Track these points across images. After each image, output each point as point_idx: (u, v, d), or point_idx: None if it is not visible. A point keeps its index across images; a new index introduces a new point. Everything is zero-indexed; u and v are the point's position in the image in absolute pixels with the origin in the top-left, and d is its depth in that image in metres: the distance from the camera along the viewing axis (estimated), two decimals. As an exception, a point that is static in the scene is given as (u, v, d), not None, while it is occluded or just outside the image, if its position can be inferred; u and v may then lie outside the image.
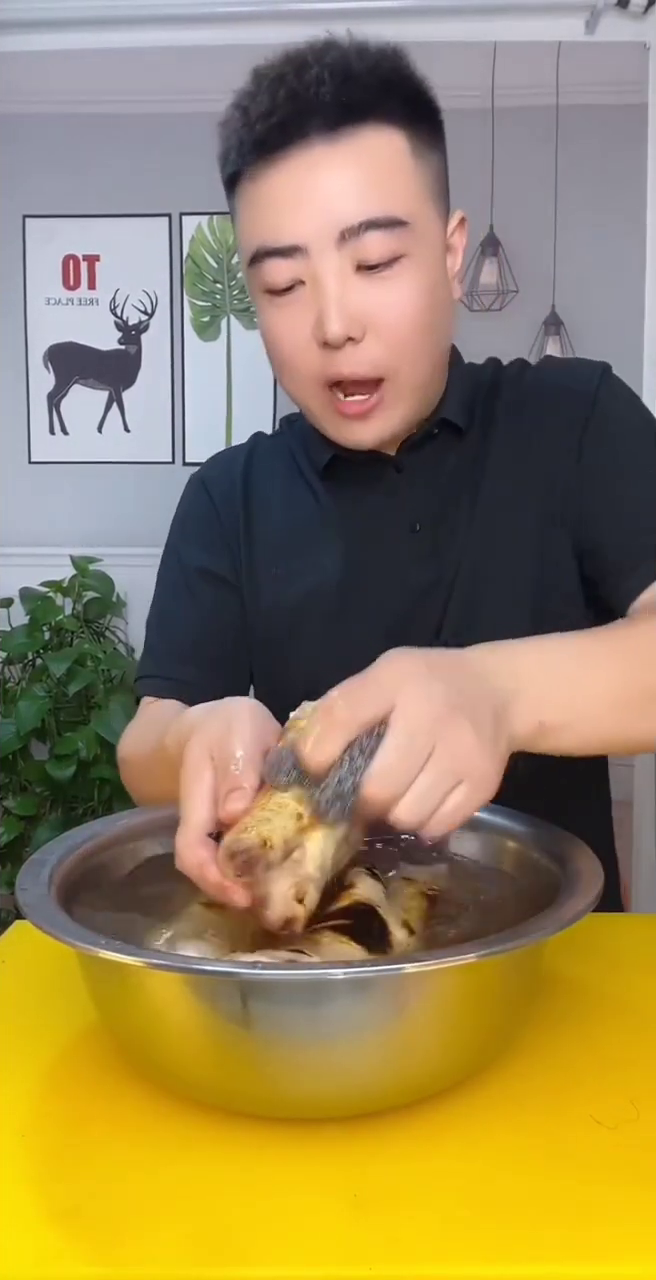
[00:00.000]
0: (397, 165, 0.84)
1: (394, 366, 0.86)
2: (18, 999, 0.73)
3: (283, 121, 0.82)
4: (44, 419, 3.11)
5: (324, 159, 0.82)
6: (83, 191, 3.01)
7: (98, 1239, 0.49)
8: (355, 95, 0.82)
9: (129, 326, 3.08)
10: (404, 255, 0.83)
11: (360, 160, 0.82)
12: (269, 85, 0.83)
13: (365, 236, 0.82)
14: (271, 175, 0.83)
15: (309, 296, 0.84)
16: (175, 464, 3.07)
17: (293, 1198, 0.51)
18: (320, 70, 0.82)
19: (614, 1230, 0.49)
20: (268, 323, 0.88)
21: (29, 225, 3.05)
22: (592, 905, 0.59)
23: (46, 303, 3.08)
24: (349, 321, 0.83)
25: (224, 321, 3.07)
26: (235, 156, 0.85)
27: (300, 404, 0.93)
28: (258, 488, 1.03)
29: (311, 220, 0.82)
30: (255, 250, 0.85)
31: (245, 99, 0.85)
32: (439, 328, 0.89)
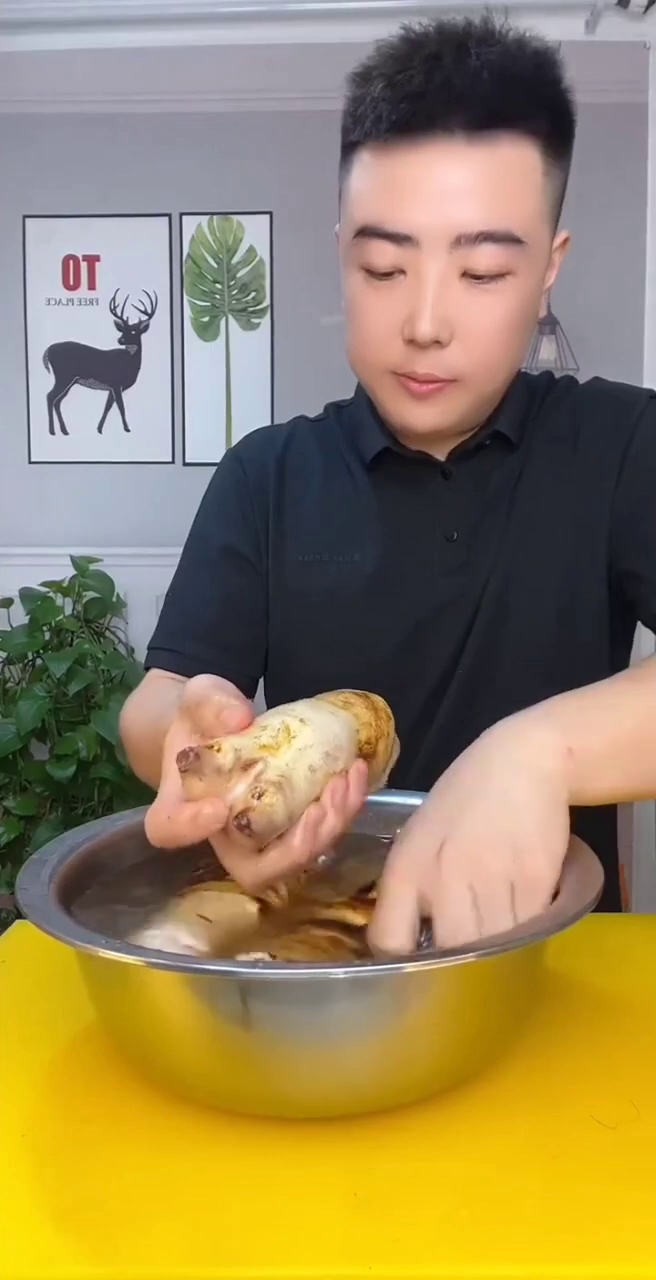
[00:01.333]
0: (528, 181, 0.82)
1: (470, 373, 0.85)
2: (18, 999, 0.73)
3: (431, 108, 0.79)
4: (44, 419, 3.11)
5: (461, 157, 0.79)
6: (83, 191, 3.01)
7: (98, 1239, 0.49)
8: (507, 100, 0.79)
9: (129, 326, 3.08)
10: (511, 273, 0.82)
11: (495, 168, 0.80)
12: (424, 63, 0.79)
13: (479, 247, 0.80)
14: (403, 157, 0.80)
15: (407, 287, 0.82)
16: (175, 464, 3.07)
17: (293, 1198, 0.51)
18: (479, 63, 0.79)
19: (614, 1230, 0.49)
20: (357, 299, 0.86)
21: (29, 225, 3.05)
22: (592, 905, 0.59)
23: (46, 303, 3.08)
24: (440, 325, 0.82)
25: (223, 322, 3.07)
26: (370, 124, 0.81)
27: (364, 379, 0.92)
28: (294, 471, 1.02)
29: (431, 216, 0.80)
30: (364, 225, 0.83)
31: (393, 66, 0.81)
32: (522, 345, 0.89)
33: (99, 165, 3.00)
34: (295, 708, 0.63)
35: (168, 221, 3.04)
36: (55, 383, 3.11)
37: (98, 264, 3.07)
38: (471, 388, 0.86)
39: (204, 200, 3.00)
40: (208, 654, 0.95)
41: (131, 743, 0.93)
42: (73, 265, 3.07)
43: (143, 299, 3.08)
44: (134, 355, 3.10)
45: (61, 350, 3.10)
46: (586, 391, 1.00)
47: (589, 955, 0.75)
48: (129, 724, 0.94)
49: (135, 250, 3.05)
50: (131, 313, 3.08)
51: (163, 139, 2.96)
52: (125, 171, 3.00)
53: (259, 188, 2.96)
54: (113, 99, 2.92)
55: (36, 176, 3.02)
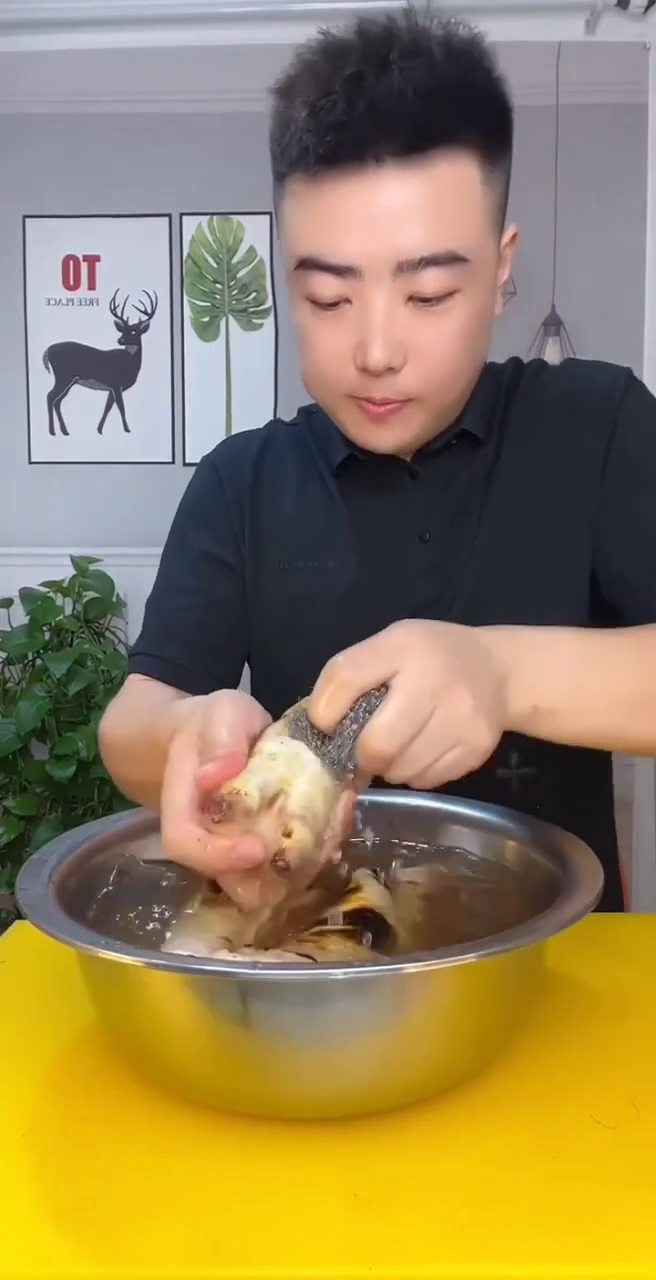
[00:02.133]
0: (467, 197, 0.79)
1: (426, 392, 0.84)
2: (18, 999, 0.73)
3: (357, 137, 0.75)
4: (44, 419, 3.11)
5: (393, 185, 0.77)
6: (83, 191, 3.01)
7: (98, 1239, 0.49)
8: (437, 117, 0.76)
9: (129, 327, 3.08)
10: (458, 291, 0.80)
11: (431, 191, 0.77)
12: (346, 85, 0.76)
13: (423, 273, 0.78)
14: (333, 188, 0.78)
15: (354, 316, 0.81)
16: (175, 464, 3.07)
17: (293, 1198, 0.51)
18: (404, 80, 0.75)
19: (614, 1230, 0.49)
20: (306, 329, 0.85)
21: (29, 225, 3.05)
22: (593, 905, 0.59)
23: (46, 303, 3.08)
24: (392, 351, 0.80)
25: (223, 322, 3.07)
26: (296, 156, 0.79)
27: (323, 404, 0.91)
28: (269, 478, 1.01)
29: (370, 246, 0.78)
30: (303, 258, 0.81)
31: (314, 89, 0.77)
32: (478, 353, 0.87)
33: (99, 165, 3.00)
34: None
35: (168, 221, 3.04)
36: (55, 383, 3.11)
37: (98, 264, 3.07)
38: (430, 404, 0.86)
39: (204, 200, 3.00)
40: (188, 658, 0.95)
41: (116, 746, 0.92)
42: (73, 265, 3.07)
43: (143, 299, 3.08)
44: (134, 355, 3.10)
45: (61, 350, 3.10)
46: (559, 377, 0.98)
47: (589, 955, 0.75)
48: (112, 728, 0.93)
49: (135, 250, 3.05)
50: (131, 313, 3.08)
51: (163, 139, 2.96)
52: (125, 171, 3.00)
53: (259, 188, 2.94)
54: (113, 99, 2.92)
55: (36, 176, 3.02)
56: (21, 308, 3.08)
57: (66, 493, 3.09)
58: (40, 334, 3.09)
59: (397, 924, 0.64)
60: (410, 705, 0.60)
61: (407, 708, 0.60)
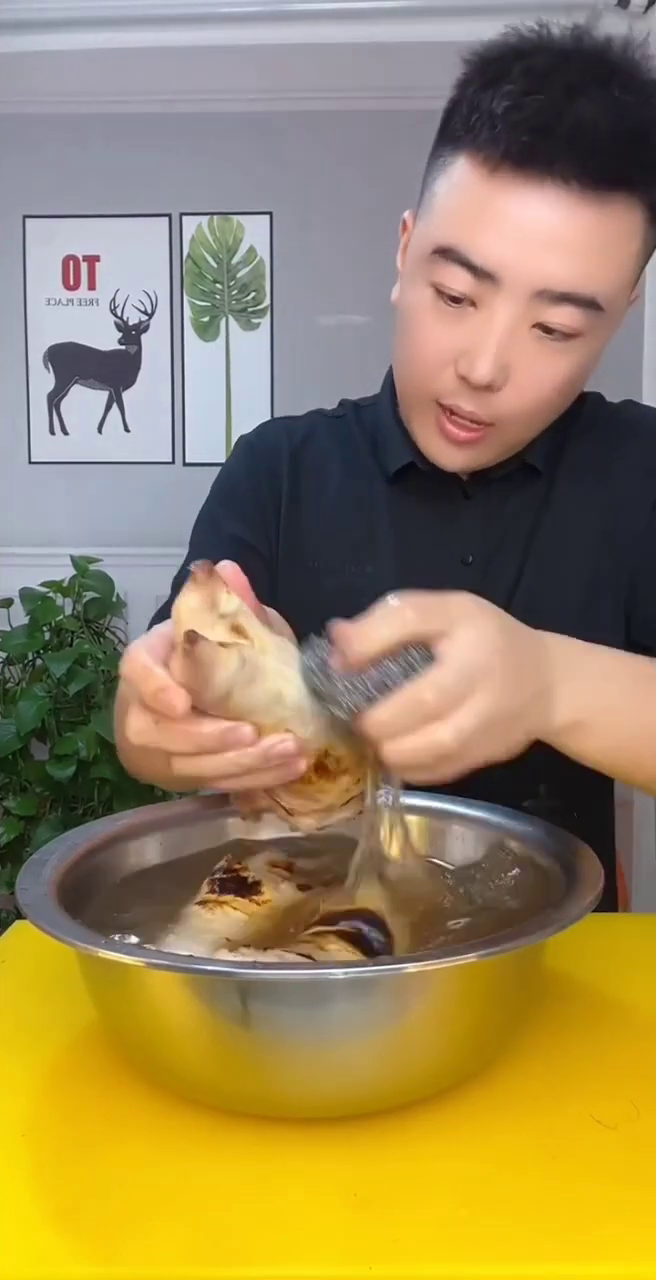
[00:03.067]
0: (627, 248, 0.77)
1: (512, 420, 0.82)
2: (18, 999, 0.73)
3: (554, 149, 0.72)
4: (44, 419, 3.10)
5: (569, 210, 0.73)
6: (83, 191, 3.00)
7: (98, 1239, 0.49)
8: (636, 159, 0.73)
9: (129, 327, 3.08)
10: (581, 335, 0.79)
11: (601, 230, 0.75)
12: (559, 95, 0.72)
13: (559, 307, 0.76)
14: (508, 189, 0.74)
15: (473, 322, 0.78)
16: (175, 464, 3.07)
17: (293, 1198, 0.51)
18: (619, 110, 0.72)
19: (614, 1230, 0.49)
20: (417, 315, 0.81)
21: (29, 225, 3.05)
22: (593, 905, 0.59)
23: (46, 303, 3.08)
24: (499, 371, 0.78)
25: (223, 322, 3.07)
26: (482, 139, 0.74)
27: (405, 397, 0.88)
28: (309, 469, 0.99)
29: (521, 261, 0.75)
30: (446, 245, 0.77)
31: (525, 80, 0.73)
32: (570, 399, 0.85)
33: (99, 165, 3.00)
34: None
35: (168, 221, 3.04)
36: (55, 383, 3.10)
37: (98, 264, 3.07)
38: (508, 434, 0.84)
39: (204, 200, 2.99)
40: None
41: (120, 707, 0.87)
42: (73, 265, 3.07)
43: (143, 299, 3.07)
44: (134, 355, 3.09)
45: (61, 350, 3.10)
46: (619, 419, 0.96)
47: (589, 955, 0.75)
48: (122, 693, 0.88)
49: (135, 250, 3.05)
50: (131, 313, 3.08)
51: (163, 139, 2.96)
52: (125, 171, 3.00)
53: (259, 188, 2.96)
54: (113, 99, 2.92)
55: (36, 176, 3.01)
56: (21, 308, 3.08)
57: (66, 493, 3.09)
58: (40, 334, 3.08)
59: (396, 925, 0.64)
60: (458, 675, 0.56)
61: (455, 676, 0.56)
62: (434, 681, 0.55)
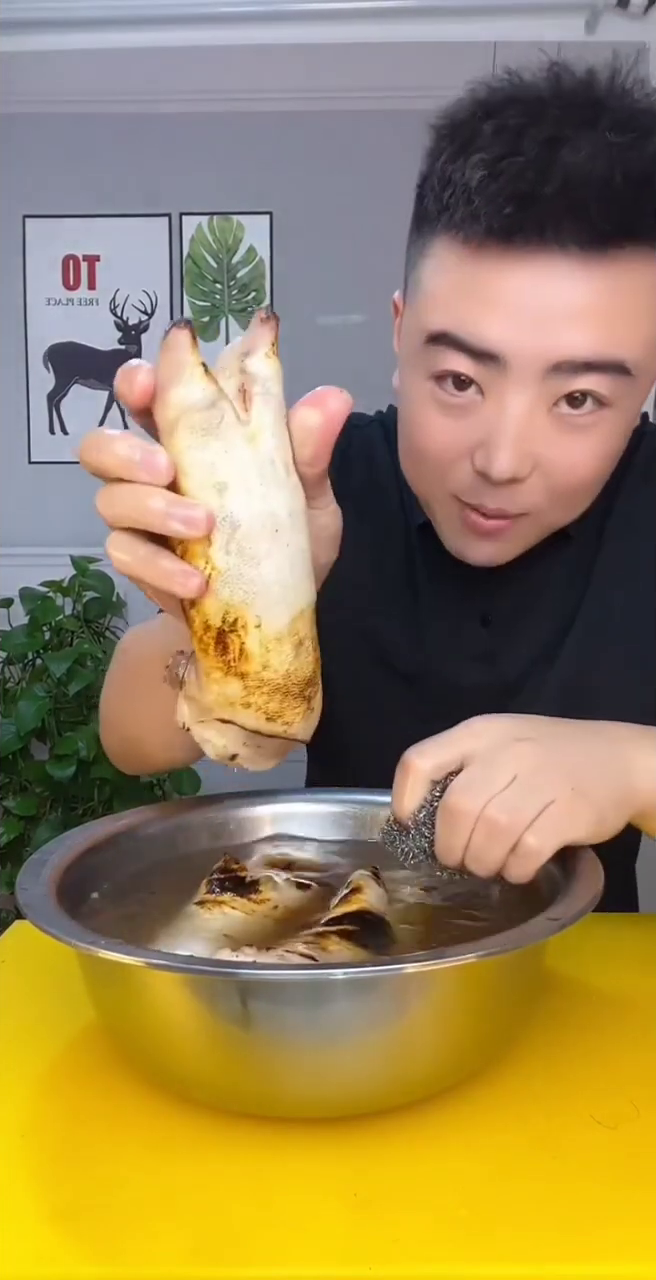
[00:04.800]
0: (644, 302, 0.67)
1: (547, 508, 0.74)
2: (18, 999, 0.73)
3: (542, 216, 0.63)
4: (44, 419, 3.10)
5: (571, 277, 0.65)
6: (83, 191, 3.00)
7: (98, 1239, 0.49)
8: (640, 210, 0.64)
9: (129, 327, 3.08)
10: (610, 405, 0.69)
11: (612, 289, 0.65)
12: (539, 152, 0.63)
13: (580, 378, 0.67)
14: (496, 265, 0.66)
15: (484, 412, 0.69)
16: (175, 464, 3.07)
17: (293, 1198, 0.51)
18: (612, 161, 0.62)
19: (614, 1230, 0.49)
20: (419, 410, 0.73)
21: (29, 225, 3.05)
22: (593, 905, 0.59)
23: (46, 303, 3.08)
24: (521, 463, 0.69)
25: (223, 322, 3.07)
26: (460, 218, 0.66)
27: (421, 496, 0.79)
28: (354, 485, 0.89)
29: (527, 339, 0.66)
30: (439, 332, 0.69)
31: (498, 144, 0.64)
32: (612, 467, 0.75)
33: (99, 165, 3.00)
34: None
35: (168, 221, 3.04)
36: (55, 383, 3.10)
37: (98, 264, 3.07)
38: (545, 522, 0.75)
39: (204, 200, 2.99)
40: None
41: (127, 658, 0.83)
42: (73, 265, 3.07)
43: (143, 299, 3.07)
44: (134, 355, 3.09)
45: (61, 350, 3.10)
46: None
47: (589, 955, 0.75)
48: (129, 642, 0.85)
49: (135, 250, 3.05)
50: (131, 313, 3.08)
51: (163, 139, 2.96)
52: (125, 171, 3.00)
53: (259, 188, 2.96)
54: (113, 99, 2.92)
55: (36, 176, 3.01)
56: (21, 308, 3.08)
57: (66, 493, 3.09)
58: (40, 334, 3.08)
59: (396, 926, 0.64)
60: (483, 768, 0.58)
61: (480, 772, 0.58)
62: (456, 786, 0.58)
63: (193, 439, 0.48)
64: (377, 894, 0.66)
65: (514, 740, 0.59)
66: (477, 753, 0.59)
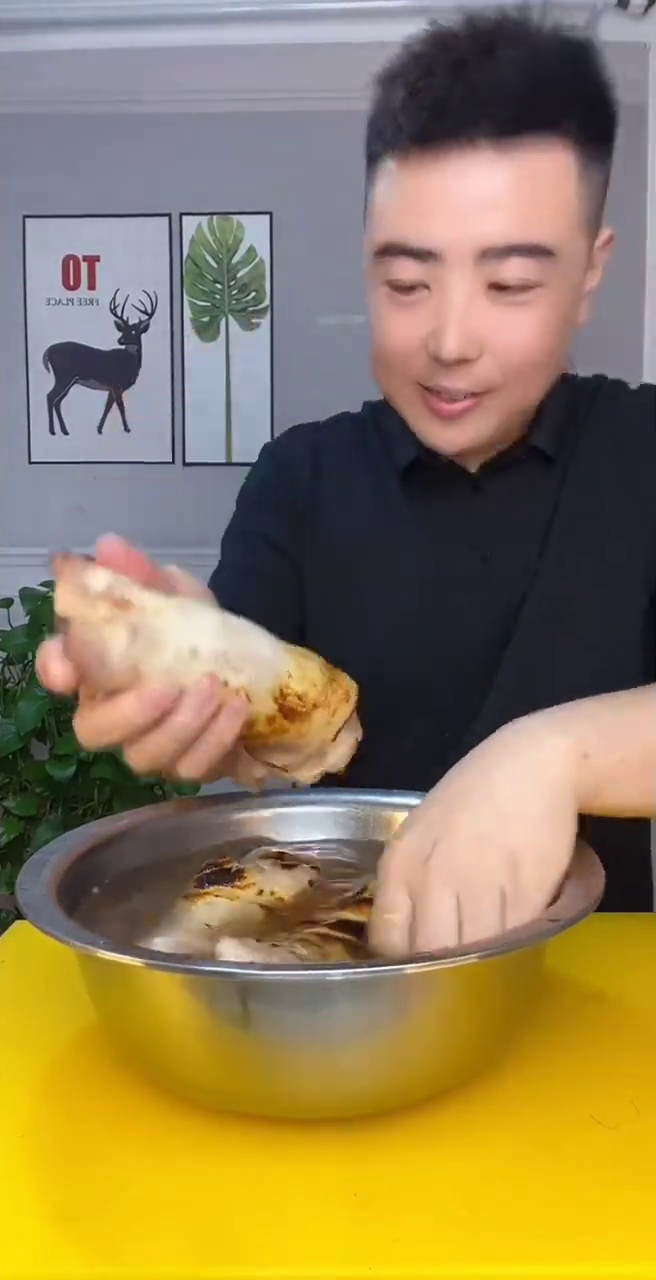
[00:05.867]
0: (561, 189, 0.77)
1: (502, 386, 0.82)
2: (18, 999, 0.73)
3: (454, 117, 0.74)
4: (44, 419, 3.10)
5: (487, 170, 0.75)
6: (83, 191, 3.00)
7: (98, 1239, 0.49)
8: (537, 103, 0.75)
9: (129, 327, 3.08)
10: (541, 285, 0.78)
11: (524, 179, 0.75)
12: (448, 68, 0.75)
13: (507, 261, 0.77)
14: (424, 170, 0.76)
15: (431, 304, 0.80)
16: (175, 464, 3.07)
17: (293, 1198, 0.51)
18: (506, 65, 0.74)
19: (614, 1230, 0.49)
20: (381, 315, 0.84)
21: (29, 225, 3.05)
22: (594, 906, 0.59)
23: (46, 303, 3.07)
24: (467, 342, 0.78)
25: (223, 321, 3.07)
26: (390, 135, 0.78)
27: (390, 398, 0.89)
28: (330, 471, 1.00)
29: (456, 231, 0.76)
30: (387, 243, 0.80)
31: (415, 70, 0.77)
32: (557, 354, 0.84)
33: (99, 165, 3.00)
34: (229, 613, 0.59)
35: (168, 221, 3.04)
36: (55, 383, 3.10)
37: (98, 264, 3.06)
38: (503, 401, 0.83)
39: (204, 200, 2.99)
40: None
41: None
42: (73, 265, 3.07)
43: (143, 299, 3.07)
44: (134, 355, 3.09)
45: (61, 350, 3.09)
46: (636, 402, 0.95)
47: (589, 955, 0.75)
48: None
49: (135, 250, 3.05)
50: (131, 313, 3.08)
51: (163, 139, 2.96)
52: (125, 171, 2.99)
53: (259, 188, 2.95)
54: (113, 99, 2.92)
55: (36, 176, 3.01)
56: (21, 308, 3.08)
57: (66, 493, 3.09)
58: (40, 334, 3.08)
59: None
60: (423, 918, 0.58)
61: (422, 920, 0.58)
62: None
63: (152, 659, 0.53)
64: None
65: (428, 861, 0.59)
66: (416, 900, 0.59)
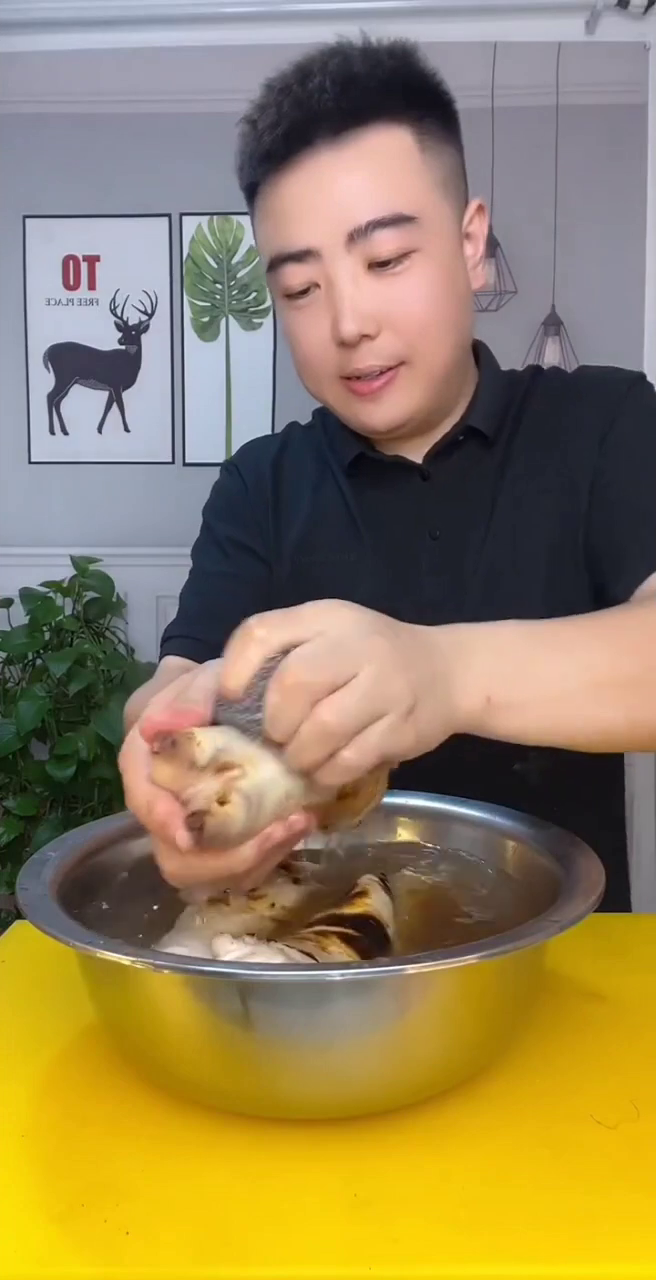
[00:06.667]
0: (403, 163, 0.85)
1: (411, 355, 0.87)
2: (18, 999, 0.73)
3: (288, 131, 0.84)
4: (44, 419, 3.10)
5: (329, 164, 0.84)
6: (83, 191, 3.00)
7: (98, 1239, 0.49)
8: (357, 99, 0.83)
9: (129, 327, 3.08)
10: (414, 250, 0.85)
11: (365, 162, 0.84)
12: (276, 97, 0.86)
13: (374, 235, 0.83)
14: (281, 184, 0.86)
15: (324, 298, 0.86)
16: (175, 464, 3.07)
17: (293, 1198, 0.51)
18: (323, 78, 0.84)
19: (614, 1230, 0.49)
20: (288, 325, 0.91)
21: (29, 225, 3.05)
22: (594, 906, 0.59)
23: (46, 303, 3.07)
24: (363, 320, 0.85)
25: (223, 322, 3.07)
26: (248, 169, 0.89)
27: (320, 399, 0.95)
28: (287, 477, 1.05)
29: (321, 224, 0.84)
30: (272, 257, 0.88)
31: (255, 112, 0.87)
32: (456, 316, 0.90)
33: (99, 165, 3.00)
34: None
35: (168, 221, 3.04)
36: (55, 383, 3.10)
37: (98, 264, 3.06)
38: (417, 368, 0.88)
39: (204, 200, 2.99)
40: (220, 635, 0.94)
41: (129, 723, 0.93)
42: (73, 265, 3.07)
43: (143, 299, 3.07)
44: (134, 355, 3.09)
45: (61, 350, 3.09)
46: (570, 380, 1.00)
47: (589, 955, 0.75)
48: (130, 706, 0.93)
49: (135, 250, 3.05)
50: (131, 313, 3.08)
51: (163, 139, 2.96)
52: (125, 171, 3.00)
53: (259, 188, 2.96)
54: (113, 99, 2.92)
55: (36, 176, 3.01)
56: (21, 308, 3.08)
57: (66, 493, 3.09)
58: (40, 334, 3.08)
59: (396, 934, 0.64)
60: (326, 650, 0.52)
61: (323, 651, 0.52)
62: (299, 654, 0.52)
63: (260, 813, 0.54)
64: (383, 900, 0.66)
65: (369, 633, 0.55)
66: (329, 633, 0.54)
